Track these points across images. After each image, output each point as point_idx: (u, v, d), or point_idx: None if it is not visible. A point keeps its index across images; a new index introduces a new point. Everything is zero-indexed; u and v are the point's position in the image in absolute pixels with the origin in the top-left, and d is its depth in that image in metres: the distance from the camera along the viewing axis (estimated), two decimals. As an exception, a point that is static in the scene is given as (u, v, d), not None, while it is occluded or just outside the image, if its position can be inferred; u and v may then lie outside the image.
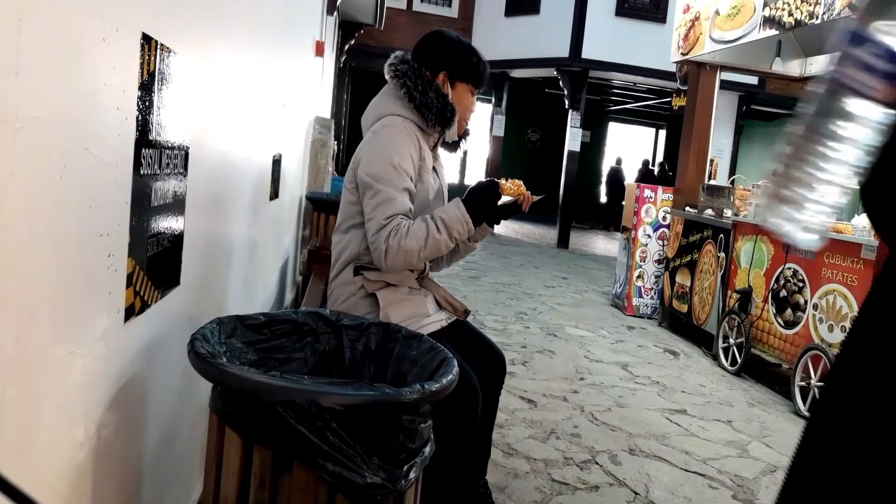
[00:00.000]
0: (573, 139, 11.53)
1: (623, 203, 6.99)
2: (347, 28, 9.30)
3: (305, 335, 1.55)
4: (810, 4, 4.29)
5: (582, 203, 15.53)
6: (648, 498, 2.61)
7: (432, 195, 2.02)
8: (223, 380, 1.16)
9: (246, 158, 2.34)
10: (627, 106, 15.68)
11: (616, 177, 15.72)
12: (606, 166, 16.97)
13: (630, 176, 15.59)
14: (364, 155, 1.94)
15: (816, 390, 3.74)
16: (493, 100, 13.35)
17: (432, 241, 1.84)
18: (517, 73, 12.95)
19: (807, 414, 3.74)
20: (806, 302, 4.05)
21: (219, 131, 1.79)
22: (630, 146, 17.55)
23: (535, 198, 2.06)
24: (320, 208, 4.32)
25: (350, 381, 1.20)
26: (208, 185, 1.72)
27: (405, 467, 1.19)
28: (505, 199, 1.99)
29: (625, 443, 3.13)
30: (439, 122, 1.98)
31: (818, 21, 4.20)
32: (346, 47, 9.75)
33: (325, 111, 7.13)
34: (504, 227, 13.22)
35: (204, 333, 1.30)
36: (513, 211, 2.04)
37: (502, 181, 1.99)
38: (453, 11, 13.57)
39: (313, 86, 5.30)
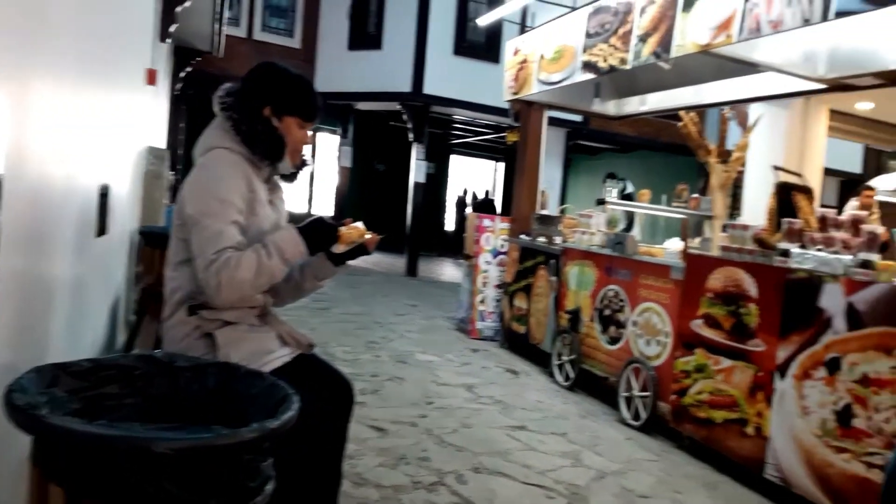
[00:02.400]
0: (418, 171, 11.86)
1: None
2: (183, 55, 8.95)
3: (136, 380, 1.50)
4: (621, 52, 4.81)
5: (429, 232, 15.93)
6: (492, 513, 2.74)
7: (268, 227, 2.00)
8: (43, 431, 1.10)
9: (67, 191, 2.20)
10: (469, 140, 16.38)
11: (463, 206, 16.33)
12: (451, 196, 17.56)
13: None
14: (189, 190, 1.88)
15: (638, 400, 4.13)
16: (340, 131, 13.40)
17: (264, 268, 1.82)
18: (362, 106, 13.11)
19: (632, 422, 4.12)
20: (626, 320, 4.48)
21: (37, 165, 1.69)
22: (473, 177, 18.32)
23: (379, 237, 2.12)
24: (154, 243, 4.10)
25: (183, 424, 1.18)
26: (26, 222, 1.62)
27: (245, 506, 1.19)
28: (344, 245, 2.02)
29: (470, 462, 3.26)
30: (268, 155, 1.97)
31: (628, 66, 4.71)
32: (183, 74, 9.36)
33: (160, 141, 6.78)
34: (353, 257, 13.19)
35: (21, 384, 1.22)
36: (358, 253, 2.09)
37: (342, 229, 2.02)
38: (296, 42, 13.51)
39: (145, 115, 5.06)
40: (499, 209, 15.47)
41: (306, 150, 2.13)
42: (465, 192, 16.72)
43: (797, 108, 5.64)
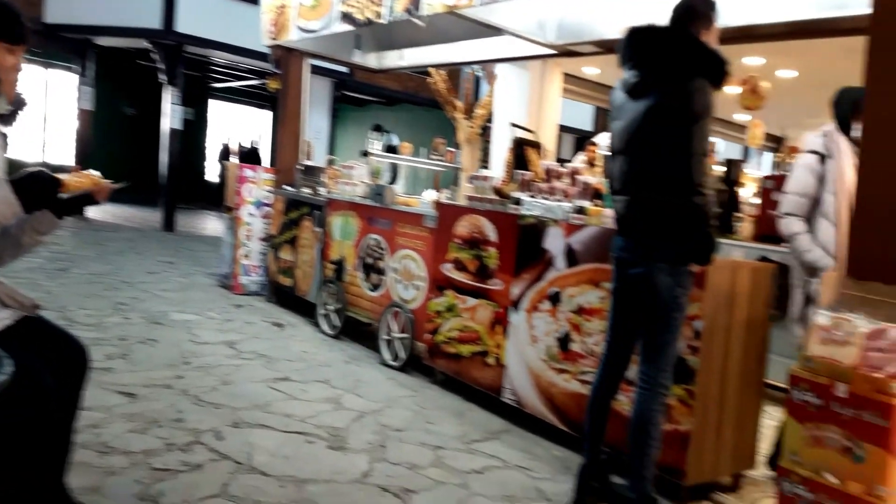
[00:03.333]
0: (174, 116, 10.96)
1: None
2: None
3: None
4: (377, 5, 4.87)
5: (189, 183, 14.90)
6: (251, 465, 2.76)
7: None
8: None
9: None
10: (232, 85, 15.46)
11: (227, 156, 15.45)
12: (214, 145, 16.52)
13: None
14: None
15: (398, 342, 4.38)
16: (78, 69, 11.82)
17: None
18: (104, 42, 11.68)
19: (392, 363, 4.36)
20: (386, 267, 4.68)
21: None
22: (238, 125, 17.38)
23: (116, 186, 1.98)
24: None
25: None
26: None
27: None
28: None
29: (229, 418, 3.22)
30: None
31: (384, 21, 4.80)
32: None
33: None
34: (100, 211, 11.93)
35: None
36: (85, 202, 1.94)
37: (66, 176, 1.86)
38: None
39: None
40: (267, 160, 14.93)
41: (20, 84, 1.90)
42: (230, 140, 15.84)
43: (536, 70, 6.21)
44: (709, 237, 2.37)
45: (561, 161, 7.42)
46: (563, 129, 11.80)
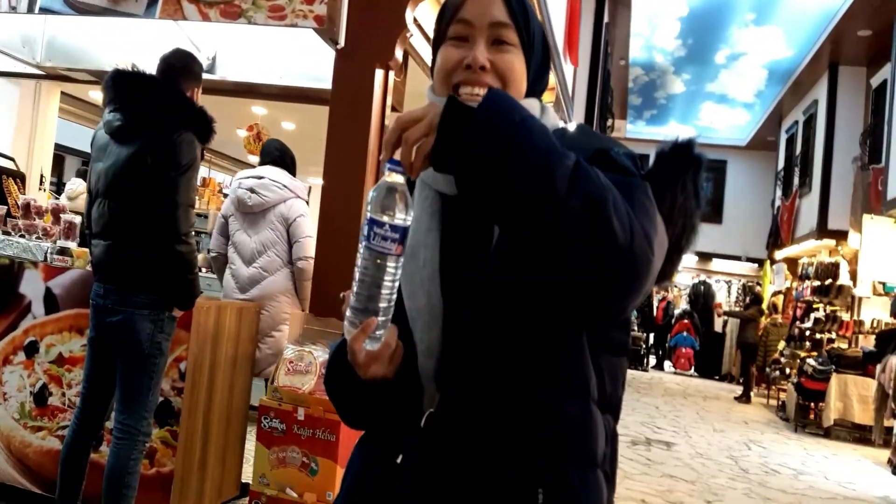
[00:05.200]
0: None
1: None
2: None
3: None
4: None
5: None
6: None
7: None
8: None
9: None
10: None
11: None
12: None
13: None
14: None
15: None
16: None
17: None
18: None
19: None
20: None
21: None
22: None
23: None
24: None
25: None
26: None
27: None
28: None
29: None
30: None
31: None
32: None
33: None
34: None
35: None
36: None
37: None
38: None
39: None
40: None
41: None
42: None
43: (29, 88, 5.51)
44: (191, 283, 2.48)
45: (59, 186, 6.74)
46: (69, 151, 10.72)
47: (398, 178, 0.83)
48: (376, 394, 0.95)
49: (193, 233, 2.51)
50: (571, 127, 1.07)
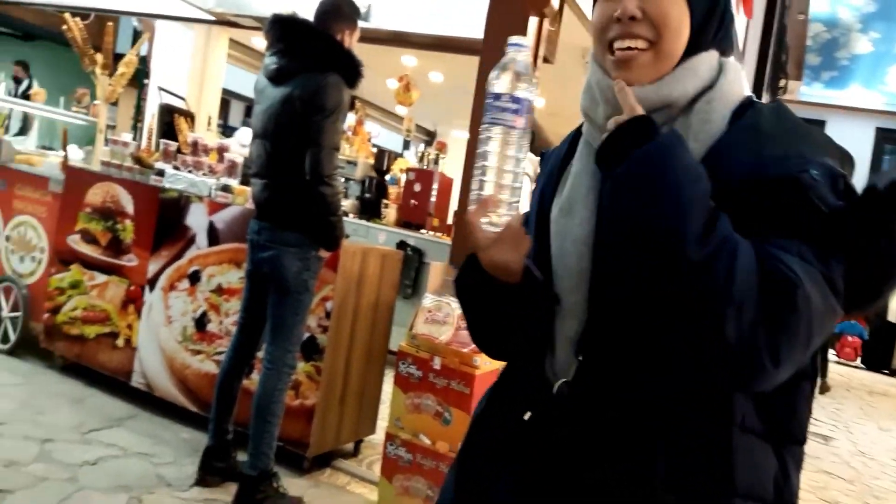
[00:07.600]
0: None
1: None
2: None
3: None
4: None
5: None
6: None
7: None
8: None
9: None
10: None
11: None
12: None
13: None
14: None
15: (8, 321, 3.78)
16: None
17: None
18: None
19: (4, 348, 3.75)
20: (-3, 235, 3.99)
21: None
22: None
23: None
24: None
25: None
26: None
27: None
28: None
29: None
30: None
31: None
32: None
33: None
34: None
35: None
36: None
37: None
38: None
39: None
40: None
41: None
42: None
43: (201, 32, 5.86)
44: (334, 225, 2.51)
45: (225, 129, 7.21)
46: (234, 95, 11.40)
47: (517, 56, 0.84)
48: (507, 300, 0.90)
49: (339, 176, 2.53)
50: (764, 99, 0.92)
